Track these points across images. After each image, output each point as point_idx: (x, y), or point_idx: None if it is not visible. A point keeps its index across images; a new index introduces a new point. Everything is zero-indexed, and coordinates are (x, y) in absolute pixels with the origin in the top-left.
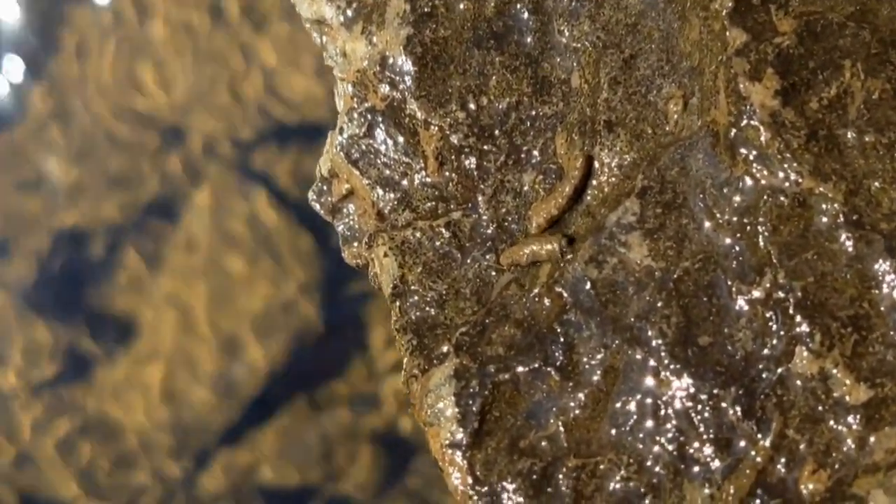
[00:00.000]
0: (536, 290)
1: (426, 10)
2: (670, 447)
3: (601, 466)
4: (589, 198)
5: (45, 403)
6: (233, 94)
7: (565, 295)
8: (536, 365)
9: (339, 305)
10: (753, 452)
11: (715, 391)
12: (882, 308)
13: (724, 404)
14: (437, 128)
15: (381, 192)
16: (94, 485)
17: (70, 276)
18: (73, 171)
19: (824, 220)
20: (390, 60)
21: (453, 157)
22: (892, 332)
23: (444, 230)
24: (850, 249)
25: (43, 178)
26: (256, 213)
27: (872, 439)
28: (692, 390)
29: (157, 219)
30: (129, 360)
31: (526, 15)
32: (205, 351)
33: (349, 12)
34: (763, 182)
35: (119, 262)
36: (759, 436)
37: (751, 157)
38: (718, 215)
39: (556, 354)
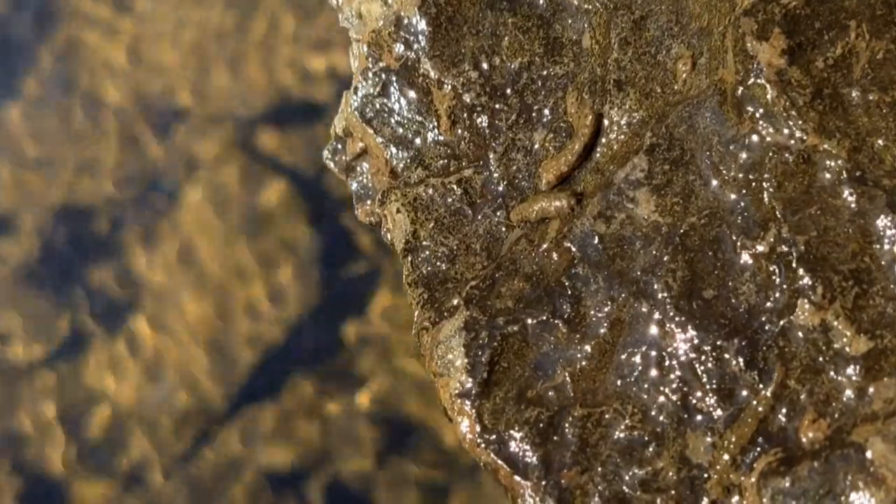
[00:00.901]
0: (545, 245)
1: None
2: (674, 397)
3: (606, 416)
4: (598, 155)
5: (44, 378)
6: (234, 70)
7: (573, 249)
8: (544, 317)
9: (340, 285)
10: (755, 402)
11: (718, 343)
12: (883, 262)
13: (727, 355)
14: (450, 87)
15: (394, 150)
16: (91, 461)
17: (71, 252)
18: (74, 147)
19: (828, 176)
20: (405, 21)
21: (466, 115)
22: (892, 286)
23: (455, 187)
24: (853, 205)
25: (44, 155)
26: (258, 191)
27: (871, 389)
28: (696, 342)
29: (159, 195)
30: (128, 337)
31: None
32: (204, 329)
33: None
34: (769, 139)
35: (120, 239)
36: (761, 386)
37: (757, 115)
38: (725, 172)
39: (564, 307)
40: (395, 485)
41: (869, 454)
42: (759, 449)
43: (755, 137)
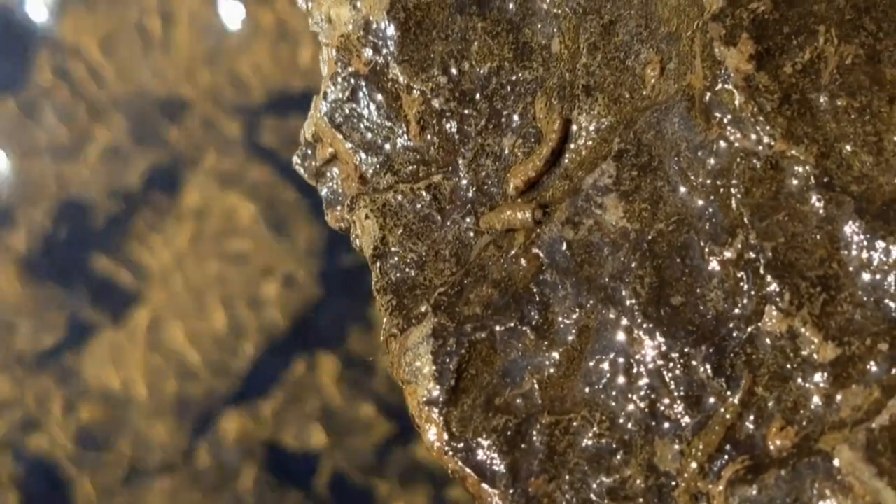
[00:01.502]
0: (514, 252)
1: None
2: (642, 404)
3: (574, 423)
4: (567, 161)
5: (48, 370)
6: (234, 64)
7: (542, 256)
8: (512, 324)
9: (341, 274)
10: (723, 409)
11: (686, 350)
12: (850, 268)
13: (694, 362)
14: (419, 92)
15: (363, 155)
16: (96, 451)
17: (74, 244)
18: (76, 140)
19: (796, 182)
20: (374, 25)
21: (435, 121)
22: (859, 292)
23: (424, 193)
24: (821, 211)
25: (47, 146)
26: (258, 183)
27: (839, 397)
28: (664, 349)
29: (160, 188)
30: (131, 327)
31: None
32: (206, 319)
33: None
34: (737, 145)
35: (122, 231)
36: (729, 393)
37: (725, 121)
38: (693, 177)
39: (532, 314)
40: (400, 474)
41: (836, 462)
42: (726, 457)
43: (723, 143)
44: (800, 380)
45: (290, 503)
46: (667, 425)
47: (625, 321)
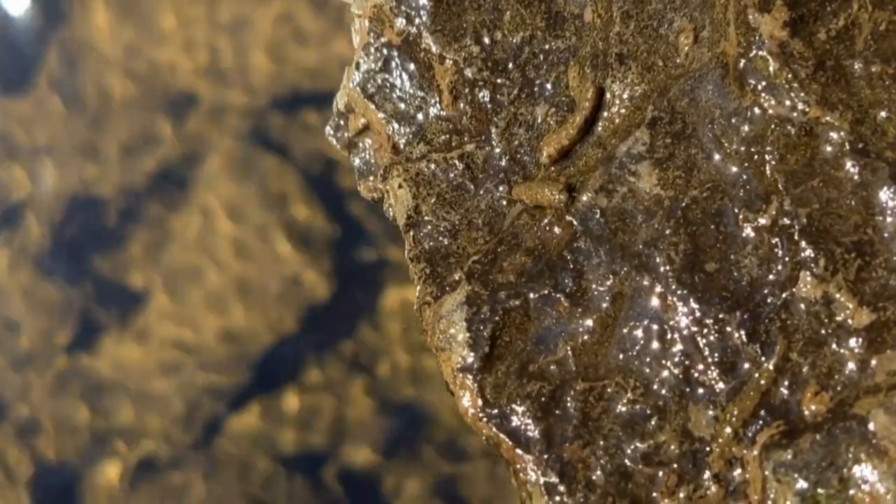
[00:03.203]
0: (547, 220)
1: None
2: (676, 371)
3: (608, 390)
4: (600, 129)
5: (56, 369)
6: (243, 60)
7: (575, 223)
8: (546, 291)
9: (351, 272)
10: (757, 375)
11: (720, 316)
12: (885, 234)
13: (729, 328)
14: (451, 62)
15: (396, 125)
16: (103, 450)
17: (81, 242)
18: (84, 137)
19: (830, 148)
20: None
21: (467, 90)
22: (894, 258)
23: (457, 162)
24: (856, 177)
25: (54, 144)
26: (268, 181)
27: (874, 362)
28: (698, 315)
29: (169, 185)
30: (139, 326)
31: None
32: (215, 317)
33: None
34: (771, 112)
35: (131, 229)
36: (763, 359)
37: (759, 88)
38: (727, 145)
39: (566, 281)
40: (407, 470)
41: (871, 426)
42: (761, 422)
43: (757, 110)
44: (834, 345)
45: (299, 497)
46: (701, 391)
47: (659, 288)
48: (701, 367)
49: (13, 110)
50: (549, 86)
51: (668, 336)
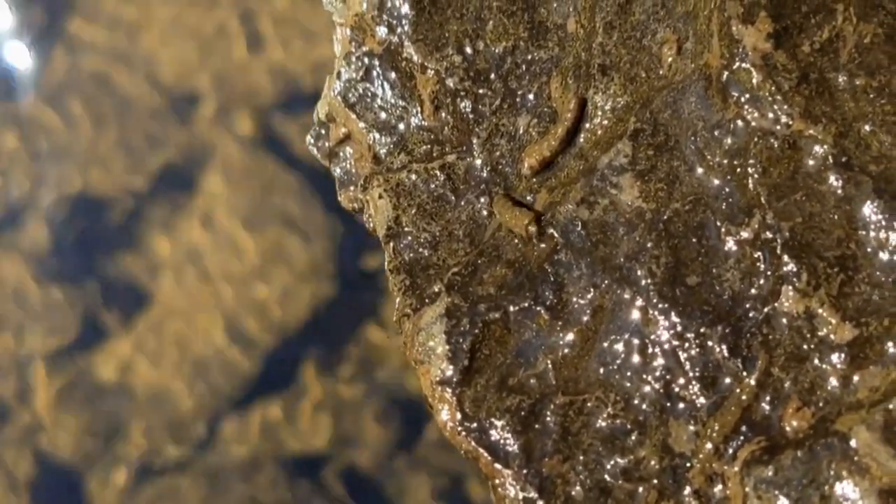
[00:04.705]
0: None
1: None
2: (657, 385)
3: (588, 404)
4: (582, 140)
5: (60, 369)
6: (246, 60)
7: (556, 236)
8: (526, 304)
9: (355, 273)
10: (739, 390)
11: (702, 330)
12: (868, 249)
13: (710, 343)
14: (433, 71)
15: (377, 135)
16: (108, 450)
17: (86, 242)
18: (88, 138)
19: (813, 161)
20: (388, 4)
21: (449, 100)
22: (877, 273)
23: (438, 173)
24: (839, 191)
25: (58, 145)
26: (273, 181)
27: (856, 378)
28: (679, 329)
29: (173, 186)
30: (144, 326)
31: None
32: (219, 319)
33: None
34: (754, 124)
35: (135, 229)
36: (745, 373)
37: (742, 100)
38: (709, 157)
39: (546, 294)
40: (409, 473)
41: (853, 443)
42: (742, 437)
43: (740, 122)
44: (816, 360)
45: (301, 499)
46: (682, 406)
47: (640, 301)
48: (682, 381)
49: (16, 111)
50: (531, 96)
51: (649, 350)
